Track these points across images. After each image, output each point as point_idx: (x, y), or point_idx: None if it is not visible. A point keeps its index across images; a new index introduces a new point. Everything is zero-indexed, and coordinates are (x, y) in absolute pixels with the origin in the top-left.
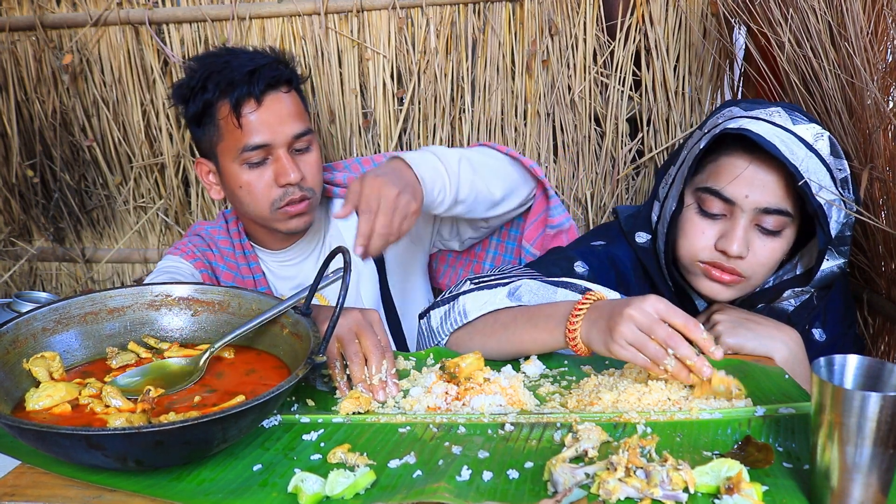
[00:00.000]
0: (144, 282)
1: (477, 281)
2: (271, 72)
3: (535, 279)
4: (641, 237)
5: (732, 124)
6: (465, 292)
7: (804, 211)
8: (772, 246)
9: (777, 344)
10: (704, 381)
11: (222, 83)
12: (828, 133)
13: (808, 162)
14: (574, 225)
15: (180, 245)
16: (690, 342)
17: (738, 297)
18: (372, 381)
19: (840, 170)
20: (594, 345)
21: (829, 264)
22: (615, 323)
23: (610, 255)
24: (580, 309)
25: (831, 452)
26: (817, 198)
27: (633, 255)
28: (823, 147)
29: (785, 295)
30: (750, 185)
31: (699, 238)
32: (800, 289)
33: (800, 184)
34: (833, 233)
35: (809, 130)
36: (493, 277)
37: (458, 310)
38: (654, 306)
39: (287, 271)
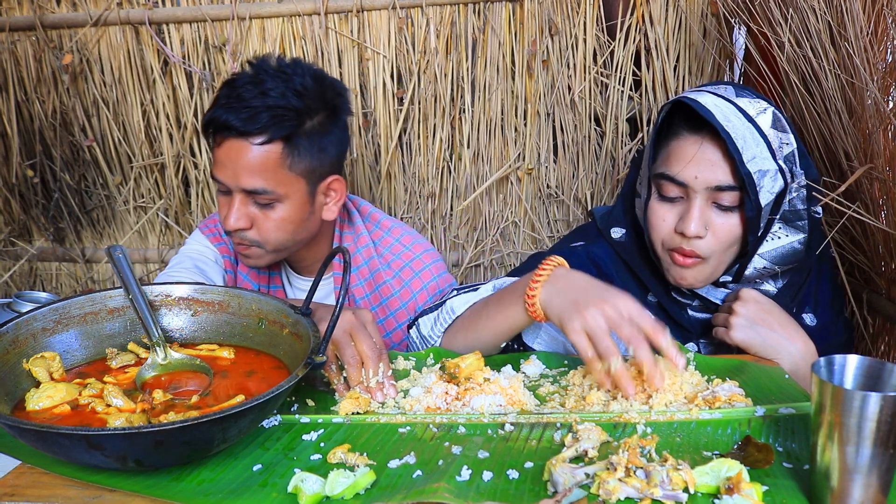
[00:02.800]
0: (168, 266)
1: (462, 288)
2: (241, 121)
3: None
4: (616, 232)
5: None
6: (451, 297)
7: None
8: (731, 222)
9: (782, 354)
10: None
11: (209, 111)
12: (772, 108)
13: (745, 131)
14: None
15: (210, 223)
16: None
17: (706, 281)
18: (369, 383)
19: (786, 144)
20: (551, 312)
21: (789, 240)
22: (584, 305)
23: (590, 254)
24: (542, 272)
25: (831, 452)
26: (747, 165)
27: (612, 252)
28: (764, 120)
29: (748, 273)
30: (698, 165)
31: (661, 224)
32: (763, 268)
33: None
34: (765, 201)
35: (752, 104)
36: (477, 284)
37: (447, 310)
38: (626, 305)
39: (301, 283)
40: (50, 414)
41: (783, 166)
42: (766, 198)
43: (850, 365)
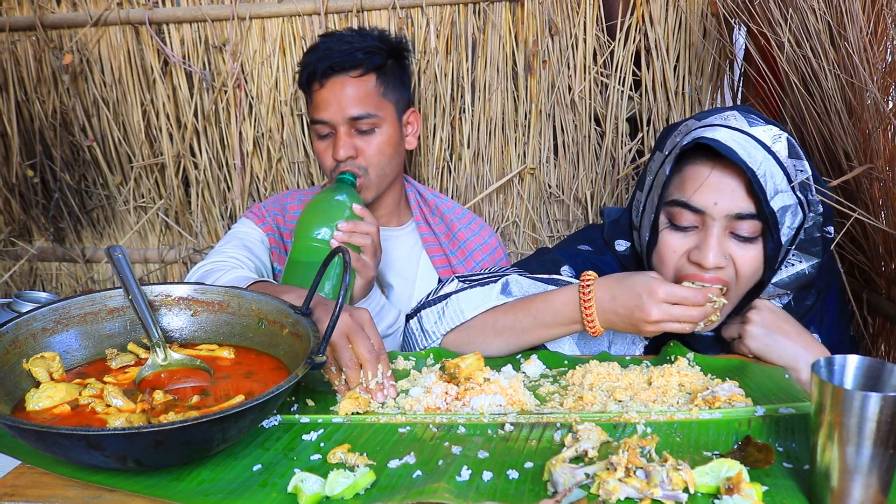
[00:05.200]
0: (217, 244)
1: (465, 279)
2: (342, 57)
3: (522, 275)
4: (621, 245)
5: (688, 139)
6: (456, 291)
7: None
8: (752, 254)
9: (801, 363)
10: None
11: (306, 64)
12: (786, 134)
13: (766, 165)
14: None
15: (255, 209)
16: None
17: (726, 313)
18: (369, 385)
19: (801, 171)
20: (616, 326)
21: (801, 266)
22: (638, 324)
23: (595, 262)
24: (588, 300)
25: (831, 452)
26: (771, 203)
27: (618, 261)
28: (781, 149)
29: (761, 295)
30: (717, 191)
31: (670, 258)
32: (773, 292)
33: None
34: (785, 238)
35: (767, 132)
36: (482, 276)
37: (454, 309)
38: (664, 291)
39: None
40: (50, 414)
41: (801, 197)
42: (786, 234)
43: (850, 365)
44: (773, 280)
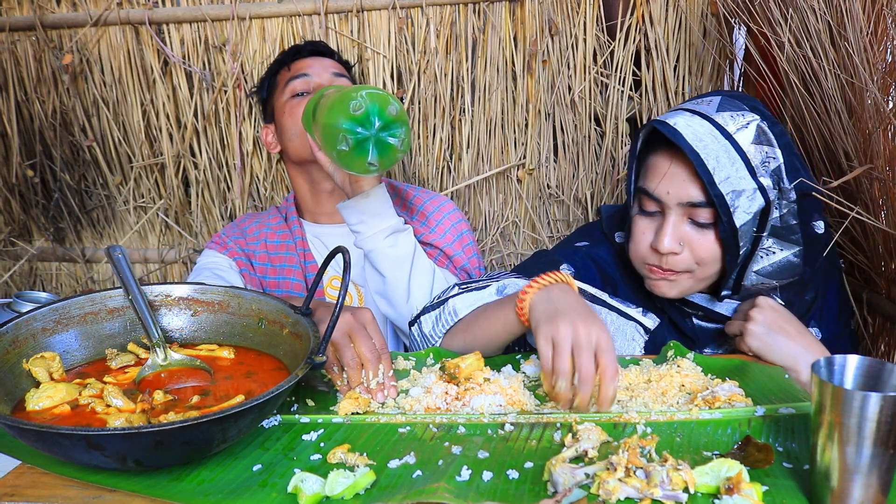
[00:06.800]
0: (188, 280)
1: (465, 285)
2: (326, 48)
3: (520, 278)
4: (620, 237)
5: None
6: (454, 296)
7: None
8: (709, 238)
9: (801, 363)
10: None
11: (280, 58)
12: (759, 121)
13: (718, 151)
14: None
15: (215, 238)
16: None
17: (683, 293)
18: (370, 385)
19: (772, 158)
20: (532, 315)
21: (784, 255)
22: (561, 317)
23: (592, 255)
24: (542, 279)
25: (831, 452)
26: (719, 187)
27: (615, 254)
28: (745, 136)
29: (745, 284)
30: (670, 180)
31: (640, 238)
32: (760, 283)
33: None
34: (740, 222)
35: (735, 118)
36: (481, 281)
37: (449, 311)
38: (600, 336)
39: (331, 241)
40: (50, 414)
41: (765, 183)
42: (742, 218)
43: (850, 365)
44: (755, 268)
